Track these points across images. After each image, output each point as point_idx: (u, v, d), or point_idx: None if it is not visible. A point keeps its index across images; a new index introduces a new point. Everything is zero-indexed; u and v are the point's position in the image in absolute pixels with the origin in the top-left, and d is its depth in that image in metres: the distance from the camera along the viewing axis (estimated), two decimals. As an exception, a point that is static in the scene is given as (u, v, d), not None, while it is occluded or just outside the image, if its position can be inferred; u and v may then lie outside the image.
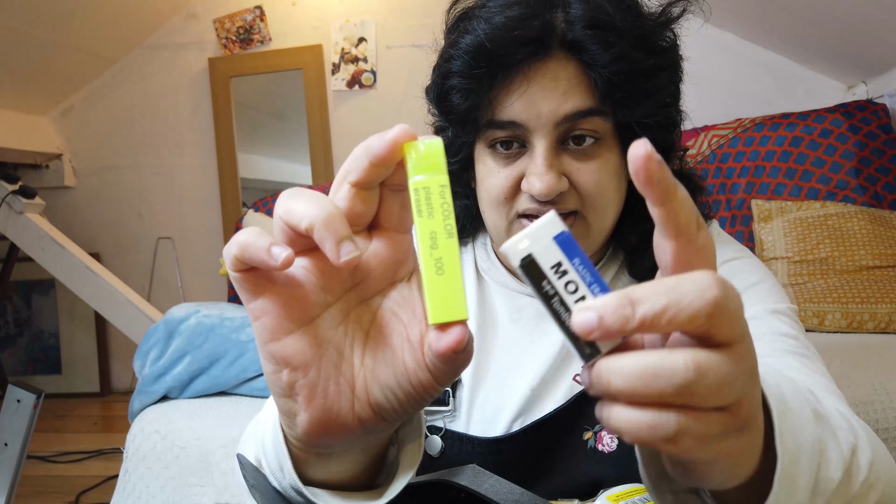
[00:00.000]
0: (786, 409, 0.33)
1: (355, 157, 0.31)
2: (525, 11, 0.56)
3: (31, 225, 2.44)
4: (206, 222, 3.10)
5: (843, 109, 1.99)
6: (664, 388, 0.25)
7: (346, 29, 2.94)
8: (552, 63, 0.57)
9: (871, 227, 1.69)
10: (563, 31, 0.56)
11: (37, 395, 1.36)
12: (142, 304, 2.40)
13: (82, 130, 3.14)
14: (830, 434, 0.36)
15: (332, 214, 0.28)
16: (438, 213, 0.28)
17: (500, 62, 0.56)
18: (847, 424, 0.40)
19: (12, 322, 3.15)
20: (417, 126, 1.60)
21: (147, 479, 1.12)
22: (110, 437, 2.48)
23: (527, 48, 0.56)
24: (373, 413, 0.33)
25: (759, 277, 0.64)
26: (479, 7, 0.60)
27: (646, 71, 0.57)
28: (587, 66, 0.56)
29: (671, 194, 0.27)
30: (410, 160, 0.29)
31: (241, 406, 1.19)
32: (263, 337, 0.32)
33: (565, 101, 0.57)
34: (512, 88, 0.57)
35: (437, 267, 0.28)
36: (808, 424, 0.34)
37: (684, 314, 0.25)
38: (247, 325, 1.24)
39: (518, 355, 0.67)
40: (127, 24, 2.92)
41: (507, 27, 0.55)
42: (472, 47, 0.57)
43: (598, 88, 0.57)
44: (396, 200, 0.33)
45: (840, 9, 1.86)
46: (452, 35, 0.62)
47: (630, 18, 0.57)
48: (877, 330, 1.53)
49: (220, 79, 3.02)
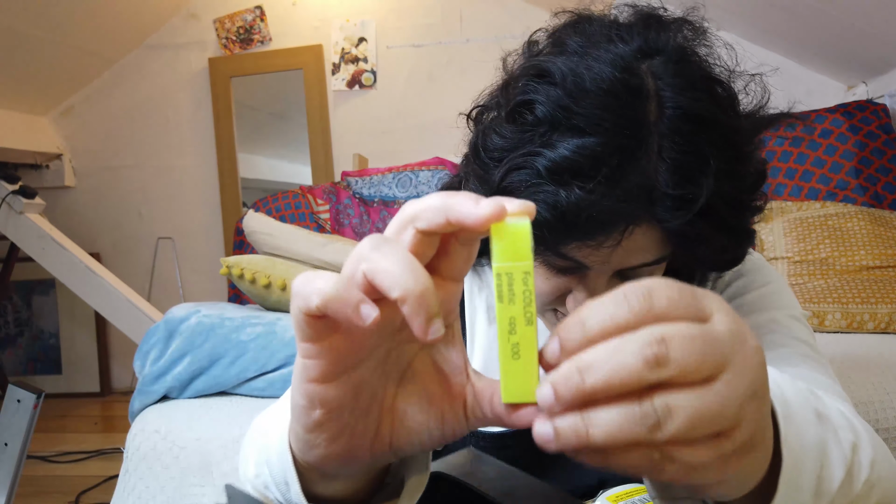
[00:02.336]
0: (789, 411, 0.33)
1: (433, 208, 0.28)
2: (615, 176, 0.47)
3: (32, 225, 2.44)
4: (206, 222, 3.10)
5: (843, 109, 1.99)
6: (641, 434, 0.25)
7: (347, 29, 2.94)
8: (636, 230, 0.50)
9: (872, 227, 1.69)
10: (656, 210, 0.48)
11: (37, 395, 1.36)
12: (142, 304, 2.40)
13: (82, 130, 3.15)
14: (832, 434, 0.36)
15: (427, 290, 0.27)
16: (519, 300, 0.28)
17: (580, 234, 0.49)
18: (848, 424, 0.40)
19: (12, 322, 3.15)
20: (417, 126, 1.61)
21: (147, 479, 1.12)
22: (110, 437, 2.49)
23: (614, 228, 0.49)
24: (389, 451, 0.33)
25: (778, 285, 0.65)
26: (559, 121, 0.48)
27: (728, 242, 0.53)
28: (669, 235, 0.51)
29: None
30: (497, 242, 0.28)
31: (241, 406, 1.19)
32: (308, 376, 0.30)
33: (636, 256, 0.52)
34: (579, 244, 0.50)
35: (513, 352, 0.28)
36: (810, 426, 0.34)
37: (629, 380, 0.25)
38: (247, 325, 1.24)
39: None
40: (127, 25, 2.92)
41: (594, 205, 0.47)
42: (548, 223, 0.48)
43: (672, 246, 0.52)
44: (463, 254, 0.31)
45: (840, 9, 1.86)
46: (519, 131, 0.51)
47: (733, 193, 0.50)
48: (877, 330, 1.53)
49: (220, 79, 3.02)
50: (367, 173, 2.23)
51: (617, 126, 0.46)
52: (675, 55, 0.50)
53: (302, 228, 1.53)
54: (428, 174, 2.15)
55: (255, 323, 1.24)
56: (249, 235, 1.49)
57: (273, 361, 1.20)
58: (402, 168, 2.19)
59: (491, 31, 2.89)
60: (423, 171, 2.16)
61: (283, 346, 1.21)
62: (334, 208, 2.17)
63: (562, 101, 0.48)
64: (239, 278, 1.32)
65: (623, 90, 0.47)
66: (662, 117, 0.47)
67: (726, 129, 0.49)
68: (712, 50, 0.53)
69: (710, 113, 0.48)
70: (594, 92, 0.47)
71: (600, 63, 0.48)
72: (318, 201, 2.18)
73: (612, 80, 0.47)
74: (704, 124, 0.48)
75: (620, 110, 0.47)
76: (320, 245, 1.38)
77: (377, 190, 2.18)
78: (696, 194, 0.47)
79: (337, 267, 1.35)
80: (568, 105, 0.47)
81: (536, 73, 0.51)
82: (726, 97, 0.51)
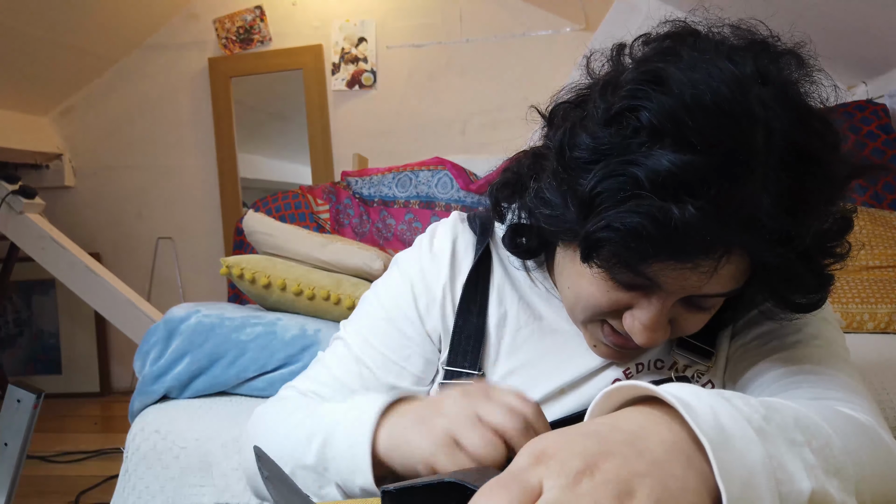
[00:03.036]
0: (724, 437, 0.33)
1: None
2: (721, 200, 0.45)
3: (32, 225, 2.44)
4: (206, 222, 3.10)
5: (842, 109, 1.99)
6: None
7: (346, 29, 2.94)
8: (731, 257, 0.48)
9: (871, 227, 1.69)
10: (752, 238, 0.47)
11: (37, 395, 1.36)
12: (142, 303, 2.40)
13: (82, 130, 3.15)
14: (785, 446, 0.35)
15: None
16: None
17: (675, 253, 0.47)
18: (816, 428, 0.39)
19: (12, 322, 3.15)
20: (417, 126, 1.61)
21: (147, 479, 1.12)
22: (110, 437, 2.48)
23: (712, 254, 0.47)
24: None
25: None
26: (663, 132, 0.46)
27: (805, 284, 0.52)
28: (756, 267, 0.50)
29: None
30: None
31: (241, 406, 1.19)
32: None
33: (714, 286, 0.50)
34: (674, 263, 0.48)
35: None
36: (752, 445, 0.33)
37: None
38: (247, 325, 1.24)
39: (552, 355, 0.66)
40: (127, 25, 2.92)
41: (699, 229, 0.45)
42: (652, 238, 0.46)
43: (752, 277, 0.51)
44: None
45: (840, 9, 1.86)
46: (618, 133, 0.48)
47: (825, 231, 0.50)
48: (877, 330, 1.53)
49: (220, 79, 3.02)
50: (367, 173, 2.23)
51: (728, 147, 0.45)
52: (785, 86, 0.48)
53: (302, 228, 1.52)
54: (428, 174, 2.15)
55: (254, 323, 1.24)
56: (249, 235, 1.49)
57: (273, 361, 1.20)
58: (402, 168, 2.19)
59: (491, 31, 2.89)
60: (423, 171, 2.16)
61: (283, 346, 1.21)
62: (334, 208, 2.17)
63: (675, 113, 0.45)
64: (239, 278, 1.32)
65: (738, 111, 0.45)
66: (772, 147, 0.46)
67: (829, 168, 0.48)
68: (817, 87, 0.52)
69: (817, 150, 0.48)
70: (712, 109, 0.45)
71: (717, 81, 0.46)
72: (318, 201, 2.18)
73: (730, 99, 0.45)
74: (811, 161, 0.47)
75: (733, 132, 0.45)
76: (320, 245, 1.38)
77: (377, 190, 2.18)
78: (797, 231, 0.46)
79: (336, 267, 1.35)
80: (682, 118, 0.45)
81: (650, 79, 0.48)
82: (831, 137, 0.50)
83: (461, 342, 0.67)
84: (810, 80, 0.52)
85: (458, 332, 0.67)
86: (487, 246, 0.69)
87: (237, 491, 1.08)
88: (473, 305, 0.67)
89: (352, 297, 1.27)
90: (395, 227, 2.09)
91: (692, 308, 0.55)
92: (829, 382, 0.55)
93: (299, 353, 1.21)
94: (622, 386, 0.37)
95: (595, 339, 0.61)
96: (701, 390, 0.36)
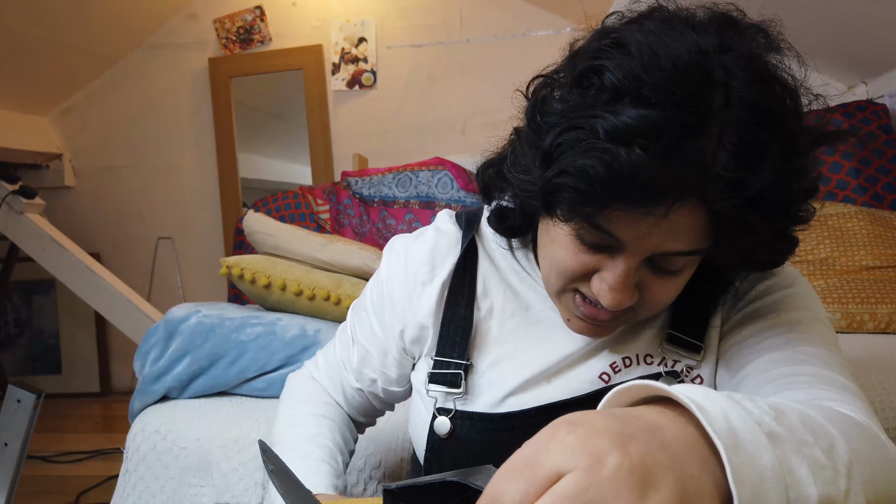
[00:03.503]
0: (736, 441, 0.33)
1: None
2: (674, 150, 0.47)
3: (32, 225, 2.44)
4: (206, 222, 3.10)
5: (843, 110, 1.99)
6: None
7: (347, 29, 2.94)
8: (681, 207, 0.49)
9: (871, 227, 1.69)
10: (708, 191, 0.48)
11: (37, 395, 1.36)
12: (142, 304, 2.40)
13: (82, 130, 3.15)
14: (794, 453, 0.35)
15: None
16: None
17: (628, 198, 0.48)
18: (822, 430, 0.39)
19: (12, 322, 3.15)
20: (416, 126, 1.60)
21: (147, 479, 1.12)
22: (110, 437, 2.49)
23: (663, 200, 0.48)
24: None
25: (803, 287, 0.66)
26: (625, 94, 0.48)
27: (770, 246, 0.53)
28: (715, 222, 0.51)
29: None
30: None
31: (241, 406, 1.19)
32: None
33: (675, 241, 0.52)
34: (628, 211, 0.49)
35: None
36: (763, 450, 0.33)
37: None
38: (247, 325, 1.24)
39: (539, 344, 0.67)
40: (127, 25, 2.93)
41: (649, 172, 0.46)
42: (603, 180, 0.48)
43: (715, 238, 0.52)
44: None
45: (840, 9, 1.86)
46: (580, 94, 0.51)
47: (785, 190, 0.50)
48: (877, 330, 1.53)
49: (220, 79, 3.02)
50: (367, 173, 2.23)
51: (684, 103, 0.47)
52: (747, 54, 0.51)
53: (302, 228, 1.52)
54: (428, 174, 2.15)
55: (255, 323, 1.24)
56: (249, 235, 1.49)
57: (273, 361, 1.20)
58: (402, 168, 2.19)
59: (491, 32, 2.89)
60: (423, 171, 2.16)
61: (283, 346, 1.21)
62: (334, 208, 2.17)
63: (633, 71, 0.48)
64: (239, 278, 1.32)
65: (696, 72, 0.48)
66: (728, 106, 0.48)
67: (787, 127, 0.50)
68: (783, 60, 0.54)
69: (774, 108, 0.49)
70: (667, 68, 0.48)
71: (677, 44, 0.49)
72: (318, 201, 2.18)
73: (687, 60, 0.48)
74: (767, 118, 0.49)
75: (690, 89, 0.47)
76: (320, 245, 1.38)
77: (377, 190, 2.18)
78: (753, 184, 0.48)
79: (336, 267, 1.35)
80: (639, 75, 0.48)
81: (611, 43, 0.51)
82: (791, 99, 0.52)
83: (449, 333, 0.69)
84: (777, 53, 0.53)
85: (445, 323, 0.70)
86: (473, 239, 0.72)
87: (237, 491, 1.08)
88: (461, 297, 0.70)
89: (352, 297, 1.27)
90: (396, 228, 2.09)
91: (660, 272, 0.56)
92: (824, 383, 0.55)
93: (299, 353, 1.21)
94: (634, 385, 0.37)
95: (569, 313, 0.62)
96: (712, 392, 0.36)
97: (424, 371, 0.71)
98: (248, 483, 1.08)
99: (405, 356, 0.75)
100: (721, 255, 0.55)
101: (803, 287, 0.66)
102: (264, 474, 1.08)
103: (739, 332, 0.63)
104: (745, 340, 0.62)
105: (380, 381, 0.77)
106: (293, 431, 0.76)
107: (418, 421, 0.72)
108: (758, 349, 0.60)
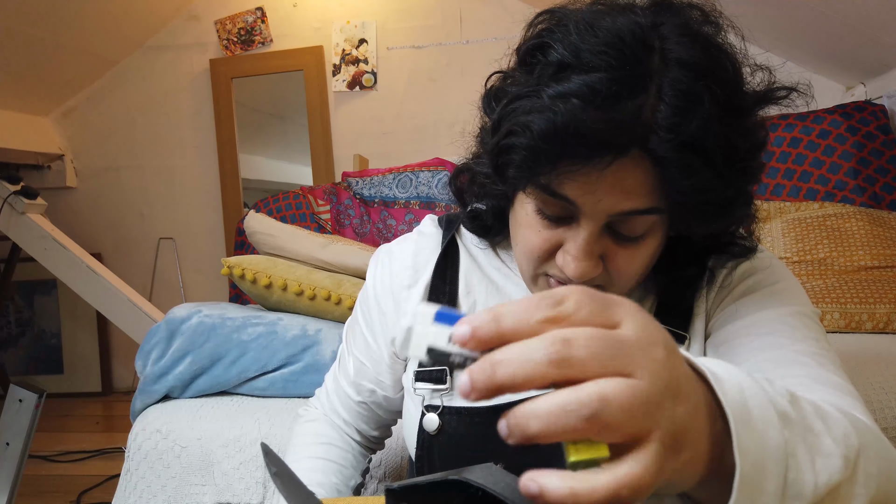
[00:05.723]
0: (747, 414, 0.33)
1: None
2: (612, 104, 0.49)
3: (33, 225, 2.45)
4: (207, 223, 3.11)
5: (841, 110, 2.00)
6: (575, 421, 0.27)
7: (347, 30, 2.95)
8: (627, 160, 0.51)
9: (870, 227, 1.69)
10: (650, 140, 0.50)
11: (38, 394, 1.37)
12: (143, 304, 2.40)
13: (84, 131, 3.15)
14: (800, 437, 0.36)
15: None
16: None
17: (571, 152, 0.50)
18: (833, 420, 0.39)
19: (14, 322, 3.16)
20: (417, 127, 1.60)
21: (148, 479, 1.13)
22: (112, 437, 2.49)
23: (605, 151, 0.50)
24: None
25: (790, 283, 0.66)
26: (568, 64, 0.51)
27: (723, 201, 0.54)
28: (662, 173, 0.52)
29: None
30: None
31: (242, 406, 1.20)
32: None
33: (627, 199, 0.53)
34: (576, 168, 0.51)
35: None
36: (772, 429, 0.34)
37: (533, 376, 0.28)
38: (248, 325, 1.24)
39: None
40: (128, 26, 2.93)
41: (587, 122, 0.48)
42: (544, 133, 0.49)
43: (666, 194, 0.53)
44: None
45: (839, 9, 1.86)
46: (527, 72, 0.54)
47: (726, 139, 0.51)
48: (875, 330, 1.53)
49: (221, 80, 3.03)
50: (368, 174, 2.24)
51: (619, 62, 0.49)
52: (683, 23, 0.53)
53: (303, 229, 1.53)
54: (428, 175, 2.15)
55: (256, 323, 1.25)
56: (250, 236, 1.49)
57: (274, 361, 1.21)
58: (403, 169, 2.20)
59: (491, 33, 2.89)
60: (423, 172, 2.16)
61: (284, 345, 1.22)
62: (335, 209, 2.17)
63: (573, 43, 0.51)
64: (240, 278, 1.33)
65: (631, 37, 0.50)
66: (666, 67, 0.50)
67: (724, 82, 0.51)
68: (720, 31, 0.55)
69: (710, 65, 0.51)
70: (602, 35, 0.50)
71: (614, 19, 0.52)
72: (319, 202, 2.18)
73: (623, 27, 0.51)
74: (703, 73, 0.50)
75: (626, 52, 0.50)
76: (321, 245, 1.38)
77: (378, 190, 2.18)
78: (685, 124, 0.49)
79: (337, 267, 1.36)
80: (577, 45, 0.51)
81: (555, 23, 0.54)
82: (728, 62, 0.53)
83: None
84: (714, 27, 0.55)
85: None
86: (453, 237, 0.75)
87: (238, 490, 1.09)
88: (442, 296, 0.71)
89: (352, 297, 1.27)
90: (396, 228, 2.09)
91: (622, 240, 0.57)
92: (820, 384, 0.55)
93: (300, 352, 1.21)
94: None
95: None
96: (732, 367, 0.37)
97: (412, 370, 0.72)
98: (249, 482, 1.09)
99: (396, 360, 0.76)
100: (679, 219, 0.55)
101: (789, 282, 0.66)
102: (265, 473, 1.09)
103: (729, 330, 0.64)
104: (736, 339, 0.62)
105: (378, 390, 0.79)
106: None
107: (409, 419, 0.73)
108: (751, 348, 0.60)
